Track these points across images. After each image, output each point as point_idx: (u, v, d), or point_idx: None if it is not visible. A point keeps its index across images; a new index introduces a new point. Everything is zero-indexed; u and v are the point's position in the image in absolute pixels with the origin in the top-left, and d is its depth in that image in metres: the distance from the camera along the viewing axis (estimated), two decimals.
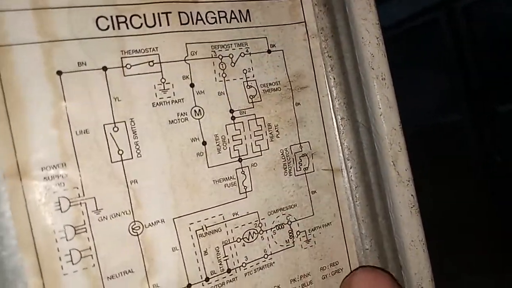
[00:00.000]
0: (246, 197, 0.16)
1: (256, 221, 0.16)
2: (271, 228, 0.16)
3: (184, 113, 0.15)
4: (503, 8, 0.83)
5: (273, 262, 0.16)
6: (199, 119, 0.15)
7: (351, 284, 0.15)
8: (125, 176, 0.14)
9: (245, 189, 0.16)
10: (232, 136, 0.16)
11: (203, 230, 0.15)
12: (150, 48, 0.14)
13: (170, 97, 0.15)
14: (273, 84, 0.16)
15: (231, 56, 0.16)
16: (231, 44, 0.16)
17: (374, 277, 0.15)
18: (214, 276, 0.15)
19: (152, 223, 0.14)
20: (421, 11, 0.98)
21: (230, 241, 0.15)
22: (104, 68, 0.14)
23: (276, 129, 0.16)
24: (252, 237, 0.15)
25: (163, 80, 0.15)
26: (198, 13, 0.15)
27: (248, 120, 0.16)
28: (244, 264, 0.15)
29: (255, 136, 0.16)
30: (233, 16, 0.16)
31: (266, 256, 0.16)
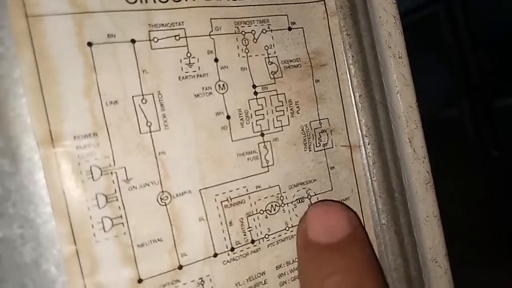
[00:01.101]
0: (268, 170, 0.16)
1: (277, 194, 0.16)
2: (292, 202, 0.16)
3: (208, 87, 0.15)
4: (502, 2, 0.84)
5: (294, 235, 0.16)
6: (223, 93, 0.15)
7: (306, 218, 0.16)
8: (154, 147, 0.14)
9: (267, 163, 0.16)
10: (255, 111, 0.16)
11: (228, 202, 0.15)
12: (176, 23, 0.15)
13: (195, 71, 0.15)
14: (294, 61, 0.17)
15: (253, 32, 0.16)
16: (254, 21, 0.16)
17: (326, 209, 0.16)
18: (239, 246, 0.15)
19: (179, 194, 0.14)
20: (419, 5, 0.99)
21: (254, 213, 0.15)
22: (133, 41, 0.14)
23: (297, 105, 0.17)
24: (274, 210, 0.16)
25: (188, 55, 0.15)
26: None
27: (270, 96, 0.16)
28: (267, 236, 0.16)
29: (276, 111, 0.16)
30: None
31: (287, 228, 0.16)
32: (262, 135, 0.16)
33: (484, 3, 0.90)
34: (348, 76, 0.17)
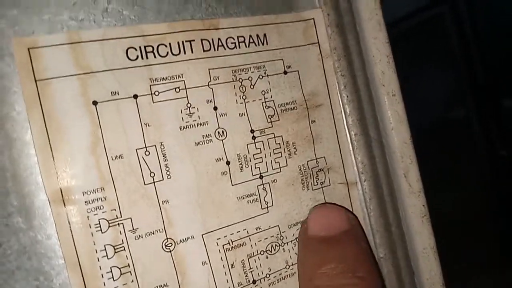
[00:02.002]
0: (268, 212, 0.17)
1: (277, 234, 0.17)
2: (291, 240, 0.17)
3: (208, 135, 0.16)
4: (508, 2, 0.83)
5: (294, 272, 0.17)
6: (222, 140, 0.16)
7: (307, 219, 0.17)
8: (157, 197, 0.15)
9: (267, 204, 0.17)
10: (253, 155, 0.17)
11: (230, 245, 0.16)
12: (176, 75, 0.15)
13: (195, 120, 0.16)
14: (290, 103, 0.17)
15: (250, 79, 0.17)
16: (250, 68, 0.17)
17: (326, 209, 0.17)
18: (241, 287, 0.16)
19: (183, 240, 0.15)
20: (424, 6, 0.98)
21: (255, 254, 0.16)
22: (135, 96, 0.15)
23: (294, 146, 0.17)
24: (275, 250, 0.16)
25: (188, 105, 0.16)
26: (219, 39, 0.16)
27: (267, 139, 0.17)
28: (268, 275, 0.16)
29: (274, 154, 0.17)
30: (251, 40, 0.17)
31: (287, 266, 0.17)
32: (261, 177, 0.17)
33: (490, 3, 0.89)
34: (344, 115, 0.18)
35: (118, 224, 0.14)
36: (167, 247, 0.15)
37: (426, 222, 0.18)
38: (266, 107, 0.17)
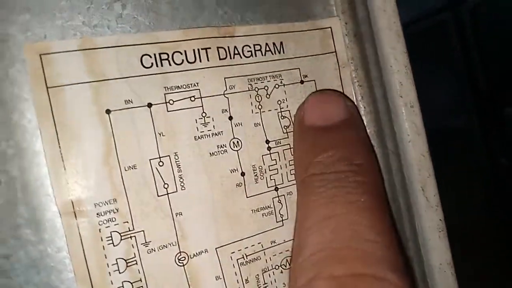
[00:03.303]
0: (283, 225, 0.16)
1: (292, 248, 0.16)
2: None
3: (223, 145, 0.15)
4: (511, 10, 0.83)
5: None
6: (237, 150, 0.16)
7: (303, 106, 0.16)
8: (171, 209, 0.14)
9: (282, 217, 0.16)
10: (269, 166, 0.16)
11: (244, 259, 0.15)
12: (191, 84, 0.15)
13: (210, 130, 0.15)
14: None
15: (266, 88, 0.16)
16: (266, 77, 0.16)
17: (324, 96, 0.16)
18: None
19: (196, 254, 0.14)
20: (427, 14, 0.98)
21: (269, 269, 0.16)
22: (149, 105, 0.14)
23: None
24: (289, 264, 0.16)
25: (203, 114, 0.15)
26: (235, 47, 0.16)
27: (283, 150, 0.16)
28: None
29: (290, 165, 0.16)
30: (267, 48, 0.16)
31: None
32: (276, 189, 0.16)
33: (493, 11, 0.90)
34: (362, 119, 0.18)
35: (131, 237, 0.14)
36: (180, 261, 0.14)
37: (443, 237, 0.18)
38: (282, 117, 0.17)
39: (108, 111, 0.14)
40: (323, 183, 0.14)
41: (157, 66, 0.15)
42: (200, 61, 0.15)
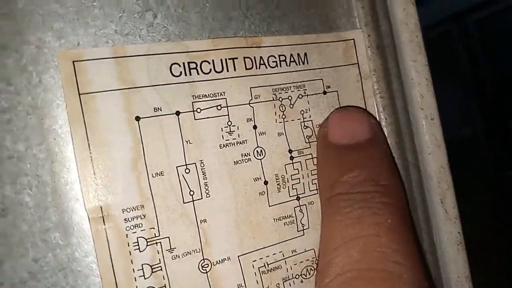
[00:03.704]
0: (304, 234, 0.16)
1: (312, 257, 0.16)
2: None
3: (247, 153, 0.16)
4: None
5: None
6: (261, 159, 0.16)
7: (327, 123, 0.16)
8: (196, 216, 0.14)
9: (303, 226, 0.16)
10: (291, 175, 0.16)
11: (265, 267, 0.15)
12: (218, 93, 0.15)
13: (235, 138, 0.15)
14: None
15: (290, 98, 0.16)
16: (290, 87, 0.17)
17: (348, 113, 0.16)
18: None
19: (219, 261, 0.15)
20: (433, 23, 0.98)
21: (290, 278, 0.16)
22: (177, 113, 0.15)
23: None
24: (309, 273, 0.16)
25: (229, 123, 0.15)
26: (261, 57, 0.16)
27: (305, 160, 0.17)
28: None
29: (312, 175, 0.17)
30: (292, 59, 0.17)
31: None
32: (298, 199, 0.16)
33: (498, 21, 0.90)
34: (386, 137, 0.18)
35: (156, 243, 0.14)
36: (203, 268, 0.14)
37: (462, 249, 0.18)
38: (305, 127, 0.17)
39: (137, 118, 0.14)
40: (349, 203, 0.14)
41: (185, 75, 0.15)
42: (227, 70, 0.15)
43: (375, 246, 0.13)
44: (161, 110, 0.14)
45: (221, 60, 0.15)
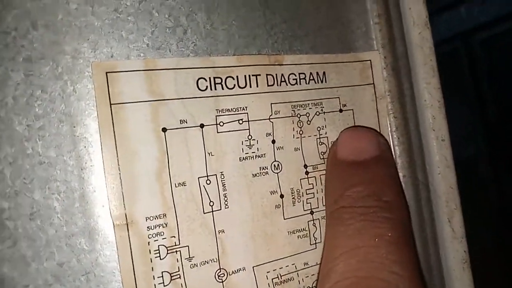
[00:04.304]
0: (316, 248, 0.17)
1: None
2: None
3: (265, 167, 0.16)
4: None
5: None
6: (277, 173, 0.16)
7: (337, 141, 0.17)
8: (214, 226, 0.15)
9: (315, 240, 0.17)
10: (306, 190, 0.17)
11: (278, 279, 0.16)
12: (240, 108, 0.16)
13: (254, 152, 0.16)
14: None
15: (307, 114, 0.17)
16: (308, 104, 0.17)
17: (357, 132, 0.17)
18: None
19: (235, 271, 0.15)
20: (438, 41, 1.00)
21: None
22: (202, 126, 0.15)
23: None
24: None
25: (249, 137, 0.16)
26: (282, 75, 0.17)
27: (319, 175, 0.17)
28: None
29: None
30: (311, 77, 0.17)
31: None
32: (312, 213, 0.17)
33: (504, 40, 0.91)
34: (394, 157, 0.18)
35: (176, 251, 0.14)
36: (219, 277, 0.15)
37: (467, 268, 0.18)
38: (320, 143, 0.17)
39: (164, 130, 0.14)
40: (352, 215, 0.15)
41: (211, 89, 0.15)
42: (250, 86, 0.16)
43: (374, 256, 0.14)
44: (186, 122, 0.15)
45: (245, 76, 0.16)
